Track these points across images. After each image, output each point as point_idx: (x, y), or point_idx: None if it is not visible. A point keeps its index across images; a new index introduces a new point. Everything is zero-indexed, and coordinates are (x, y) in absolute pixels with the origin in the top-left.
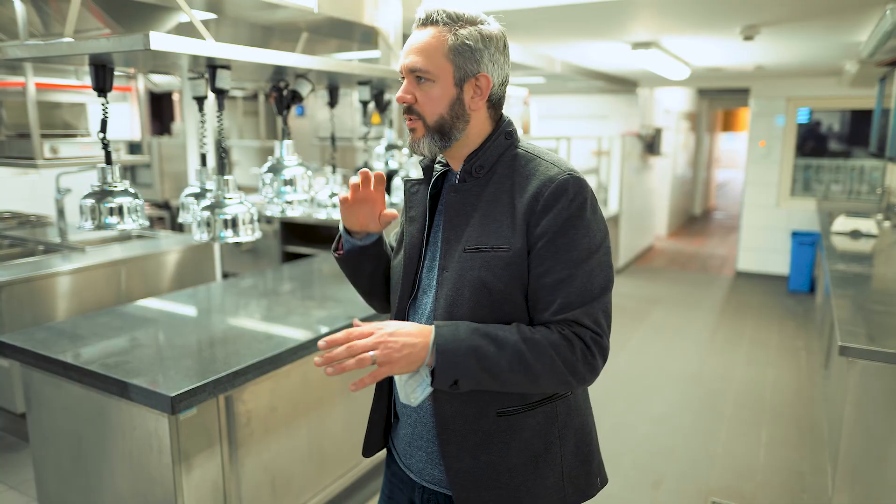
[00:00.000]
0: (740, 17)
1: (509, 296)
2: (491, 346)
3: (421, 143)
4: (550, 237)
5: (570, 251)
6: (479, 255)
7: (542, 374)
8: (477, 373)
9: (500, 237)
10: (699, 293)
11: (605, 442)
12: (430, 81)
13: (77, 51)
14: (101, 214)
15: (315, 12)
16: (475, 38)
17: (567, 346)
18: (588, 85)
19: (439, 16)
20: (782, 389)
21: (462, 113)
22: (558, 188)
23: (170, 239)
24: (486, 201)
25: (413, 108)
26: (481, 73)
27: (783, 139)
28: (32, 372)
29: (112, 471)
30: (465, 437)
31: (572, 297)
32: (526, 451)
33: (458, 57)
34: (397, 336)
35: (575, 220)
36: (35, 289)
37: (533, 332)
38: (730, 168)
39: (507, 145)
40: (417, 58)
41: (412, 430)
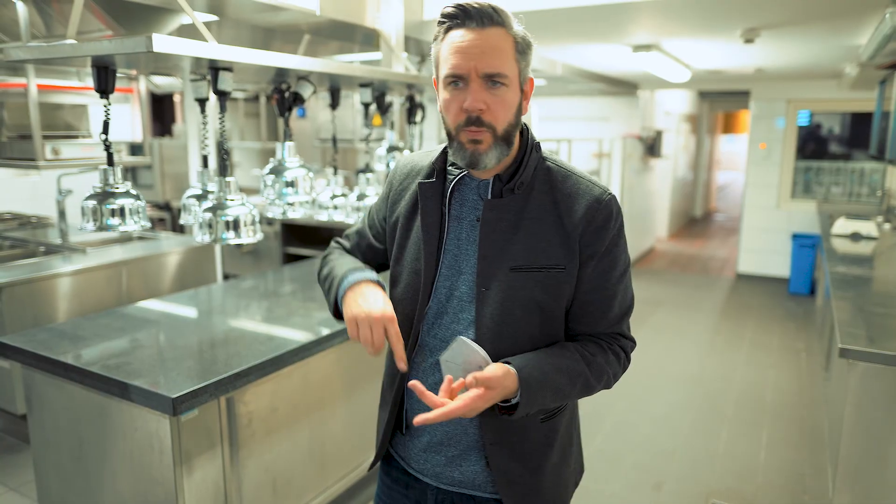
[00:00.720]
0: (741, 20)
1: (559, 313)
2: (566, 380)
3: (487, 156)
4: (600, 257)
5: (614, 269)
6: (531, 274)
7: (597, 388)
8: (549, 404)
9: (551, 256)
10: (700, 295)
11: (606, 443)
12: (505, 86)
13: (80, 52)
14: (103, 216)
15: (317, 14)
16: (526, 39)
17: (616, 360)
18: (589, 87)
19: (498, 15)
20: (783, 391)
21: (519, 119)
22: (607, 209)
23: (171, 240)
24: (528, 219)
25: (483, 118)
26: (530, 77)
27: (783, 141)
28: (34, 373)
29: (113, 472)
30: (514, 447)
31: (616, 311)
32: (561, 447)
33: (522, 58)
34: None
35: (617, 238)
36: (36, 290)
37: (594, 354)
38: (730, 170)
39: (538, 158)
40: (494, 60)
41: (430, 438)
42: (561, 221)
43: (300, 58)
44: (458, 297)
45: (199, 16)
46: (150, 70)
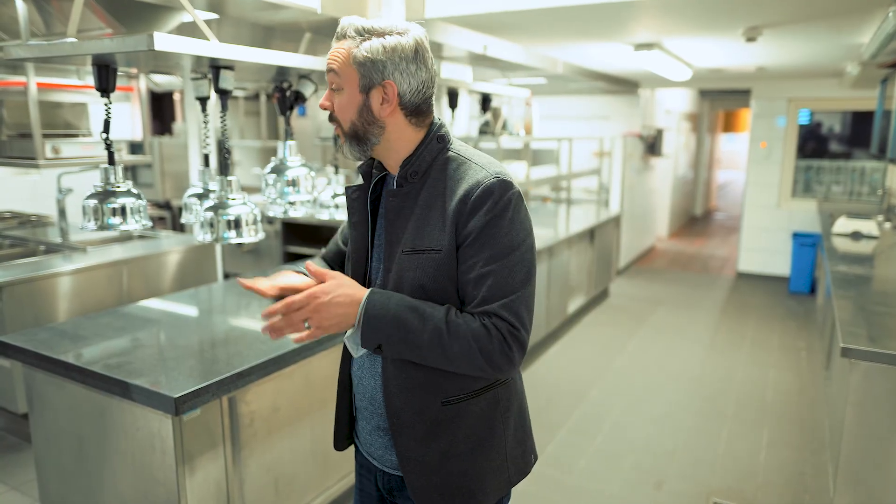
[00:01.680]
0: (743, 19)
1: (443, 293)
2: (415, 319)
3: (345, 149)
4: (475, 236)
5: (492, 248)
6: (415, 256)
7: (457, 355)
8: (397, 342)
9: (432, 239)
10: (700, 294)
11: (606, 442)
12: (340, 90)
13: (81, 51)
14: (104, 215)
15: (318, 13)
16: (377, 49)
17: (486, 335)
18: (589, 86)
19: (349, 30)
20: (783, 390)
21: (373, 119)
22: (485, 191)
23: (171, 239)
24: (420, 206)
25: (332, 114)
26: (386, 82)
27: (784, 140)
28: (35, 373)
29: (114, 471)
30: (414, 428)
31: (493, 290)
32: (472, 436)
33: (362, 67)
34: (332, 305)
35: (498, 219)
36: (36, 289)
37: (458, 317)
38: (730, 169)
39: (440, 149)
40: (331, 65)
41: (370, 422)
42: (444, 205)
43: (302, 56)
44: (373, 281)
45: (200, 14)
46: (151, 68)
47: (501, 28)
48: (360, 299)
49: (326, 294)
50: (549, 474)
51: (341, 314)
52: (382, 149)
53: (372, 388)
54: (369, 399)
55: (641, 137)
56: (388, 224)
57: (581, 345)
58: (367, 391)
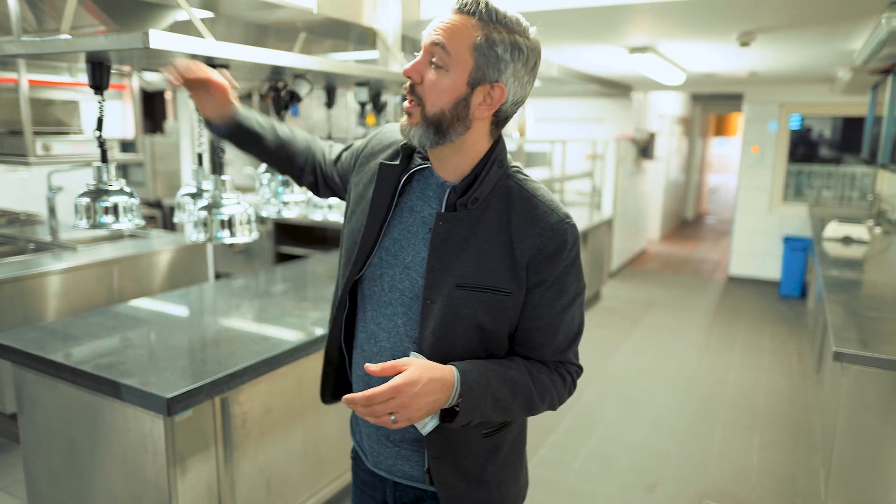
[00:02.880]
0: (737, 24)
1: (500, 335)
2: (508, 390)
3: (413, 131)
4: (549, 284)
5: (562, 297)
6: (477, 294)
7: (539, 408)
8: (490, 414)
9: (498, 279)
10: (692, 297)
11: (600, 445)
12: (443, 69)
13: (75, 48)
14: (97, 213)
15: (314, 13)
16: (506, 44)
17: (562, 383)
18: (583, 88)
19: (481, 7)
20: (775, 394)
21: (464, 116)
22: (560, 239)
23: (162, 238)
24: (481, 238)
25: (416, 88)
26: (498, 83)
27: (776, 145)
28: (25, 372)
29: (105, 472)
30: (457, 460)
31: (562, 338)
32: (507, 463)
33: (482, 57)
34: (422, 395)
35: (570, 268)
36: (26, 288)
37: (539, 372)
38: (722, 172)
39: (500, 175)
40: (441, 38)
41: (379, 429)
42: (511, 245)
43: (299, 56)
44: (401, 291)
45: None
46: (143, 66)
47: None
48: (453, 383)
49: (414, 385)
50: (544, 476)
51: (432, 402)
52: (451, 149)
53: None
54: None
55: (634, 141)
56: (434, 249)
57: None
58: None
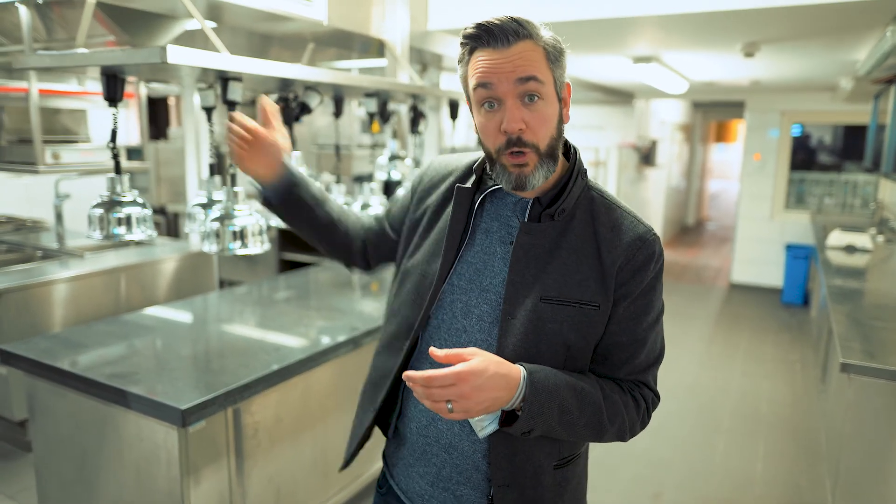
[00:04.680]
0: (742, 35)
1: (586, 352)
2: (576, 401)
3: (534, 177)
4: (634, 298)
5: (647, 313)
6: (564, 308)
7: (609, 431)
8: (554, 426)
9: (585, 292)
10: (694, 304)
11: (604, 454)
12: (542, 99)
13: (93, 62)
14: (110, 224)
15: (324, 25)
16: (557, 44)
17: (635, 407)
18: (586, 96)
19: (523, 27)
20: (779, 402)
21: (562, 130)
22: (649, 249)
23: (167, 246)
24: (566, 249)
25: (524, 138)
26: (566, 82)
27: (777, 152)
28: (37, 382)
29: (117, 482)
30: (523, 492)
31: (642, 357)
32: (574, 495)
33: (556, 66)
34: (484, 389)
35: (655, 282)
36: (34, 295)
37: (612, 391)
38: (722, 179)
39: (584, 186)
40: (527, 71)
41: (438, 471)
42: (599, 256)
43: (315, 69)
44: (478, 317)
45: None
46: (150, 77)
47: None
48: (518, 382)
49: (478, 376)
50: None
51: (493, 398)
52: None
53: (456, 438)
54: (444, 447)
55: (636, 148)
56: (516, 262)
57: None
58: (443, 436)
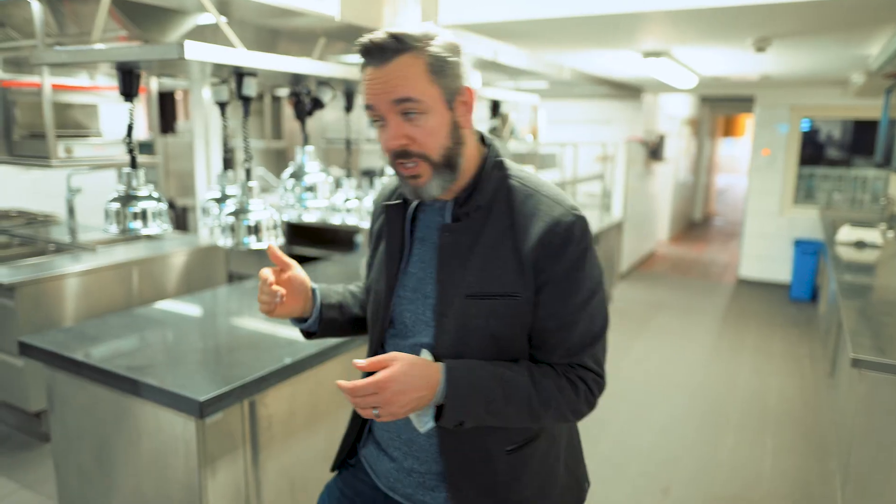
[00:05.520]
0: (754, 29)
1: (516, 342)
2: (501, 390)
3: (430, 186)
4: (557, 282)
5: (574, 295)
6: (485, 302)
7: (544, 416)
8: (483, 416)
9: (505, 283)
10: (702, 299)
11: (611, 449)
12: (422, 113)
13: (110, 57)
14: (126, 218)
15: (336, 20)
16: (445, 51)
17: (572, 389)
18: (593, 90)
19: (405, 40)
20: (787, 398)
21: (460, 137)
22: (566, 232)
23: (177, 240)
24: (485, 244)
25: (410, 150)
26: (464, 87)
27: (786, 147)
28: (56, 374)
29: (135, 472)
30: (476, 479)
31: (576, 340)
32: (534, 480)
33: (441, 77)
34: (405, 392)
35: (580, 262)
36: (48, 289)
37: (542, 375)
38: (730, 173)
39: (501, 177)
40: (398, 92)
41: (401, 462)
42: (516, 245)
43: (331, 65)
44: (425, 323)
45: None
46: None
47: (511, 35)
48: (438, 381)
49: (396, 381)
50: None
51: (416, 398)
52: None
53: (413, 434)
54: (405, 441)
55: (644, 142)
56: (443, 263)
57: None
58: (402, 432)
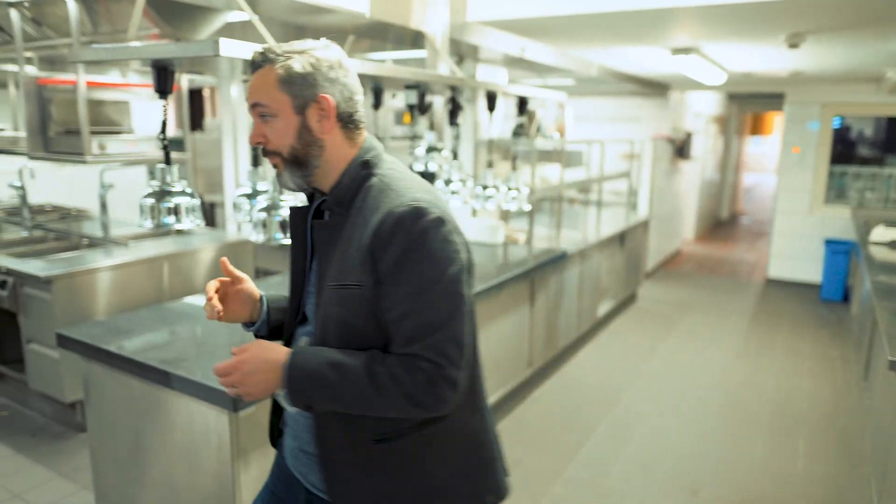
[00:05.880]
0: (787, 25)
1: (369, 330)
2: (336, 376)
3: (284, 179)
4: (392, 271)
5: (409, 284)
6: (339, 291)
7: (382, 404)
8: (324, 400)
9: (352, 274)
10: (729, 299)
11: (639, 448)
12: (273, 116)
13: (147, 55)
14: (160, 214)
15: (367, 17)
16: (303, 63)
17: (409, 380)
18: (619, 87)
19: (266, 55)
20: (819, 400)
21: (313, 140)
22: (396, 221)
23: (206, 235)
24: (344, 237)
25: (266, 147)
26: (320, 96)
27: (817, 145)
28: (92, 365)
29: (168, 464)
30: (345, 466)
31: (416, 330)
32: (408, 478)
33: (291, 87)
34: (255, 374)
35: (412, 252)
36: (82, 282)
37: (380, 364)
38: (757, 171)
39: (364, 176)
40: (253, 98)
41: (293, 440)
42: (361, 238)
43: (366, 62)
44: (312, 313)
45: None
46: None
47: (538, 31)
48: (281, 364)
49: (246, 363)
50: (584, 478)
51: (266, 380)
52: (322, 172)
53: (298, 413)
54: (293, 419)
55: (671, 140)
56: (320, 256)
57: (611, 348)
58: (289, 416)
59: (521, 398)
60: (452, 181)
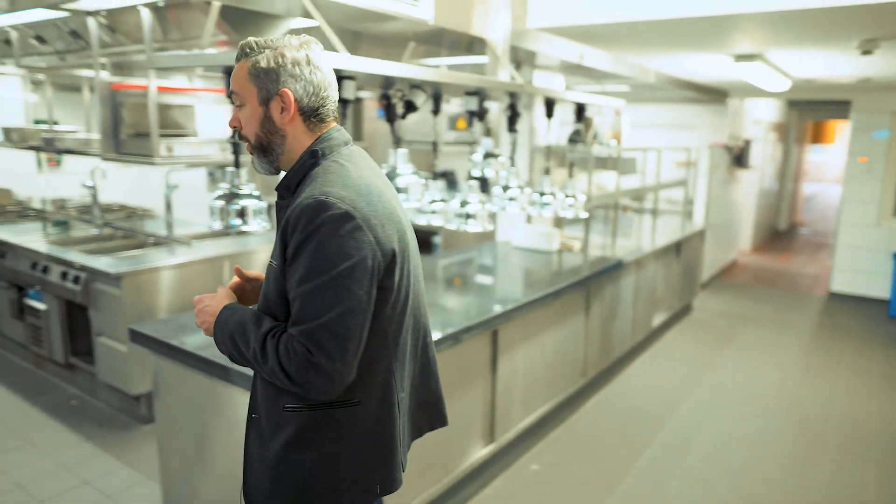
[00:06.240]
0: (861, 31)
1: (279, 306)
2: (241, 337)
3: (254, 164)
4: (292, 256)
5: (301, 271)
6: (267, 268)
7: (266, 370)
8: (235, 354)
9: (274, 254)
10: (789, 313)
11: (698, 463)
12: (242, 105)
13: (222, 62)
14: (229, 215)
15: (430, 24)
16: (269, 59)
17: (286, 358)
18: (676, 94)
19: (243, 49)
20: (890, 422)
21: (275, 129)
22: (301, 210)
23: (263, 236)
24: (282, 220)
25: (240, 132)
26: (282, 90)
27: (886, 155)
28: (162, 361)
29: (233, 460)
30: (260, 423)
31: (296, 315)
32: (306, 449)
33: (257, 80)
34: (203, 313)
35: (308, 242)
36: (148, 279)
37: (273, 336)
38: (817, 181)
39: (311, 164)
40: (232, 84)
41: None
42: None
43: (432, 69)
44: None
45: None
46: None
47: (598, 38)
48: (217, 311)
49: (203, 303)
50: (640, 492)
51: (207, 322)
52: (286, 159)
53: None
54: None
55: (728, 148)
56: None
57: (666, 360)
58: None
59: (575, 408)
60: (510, 187)
